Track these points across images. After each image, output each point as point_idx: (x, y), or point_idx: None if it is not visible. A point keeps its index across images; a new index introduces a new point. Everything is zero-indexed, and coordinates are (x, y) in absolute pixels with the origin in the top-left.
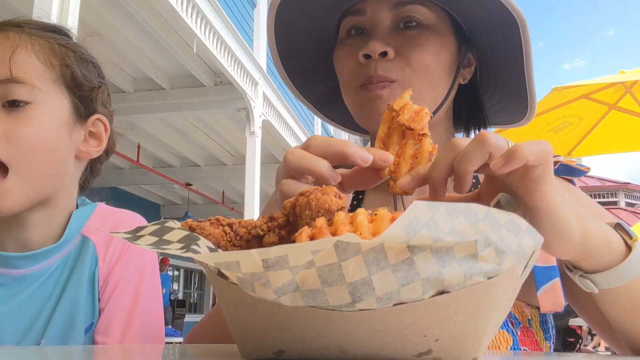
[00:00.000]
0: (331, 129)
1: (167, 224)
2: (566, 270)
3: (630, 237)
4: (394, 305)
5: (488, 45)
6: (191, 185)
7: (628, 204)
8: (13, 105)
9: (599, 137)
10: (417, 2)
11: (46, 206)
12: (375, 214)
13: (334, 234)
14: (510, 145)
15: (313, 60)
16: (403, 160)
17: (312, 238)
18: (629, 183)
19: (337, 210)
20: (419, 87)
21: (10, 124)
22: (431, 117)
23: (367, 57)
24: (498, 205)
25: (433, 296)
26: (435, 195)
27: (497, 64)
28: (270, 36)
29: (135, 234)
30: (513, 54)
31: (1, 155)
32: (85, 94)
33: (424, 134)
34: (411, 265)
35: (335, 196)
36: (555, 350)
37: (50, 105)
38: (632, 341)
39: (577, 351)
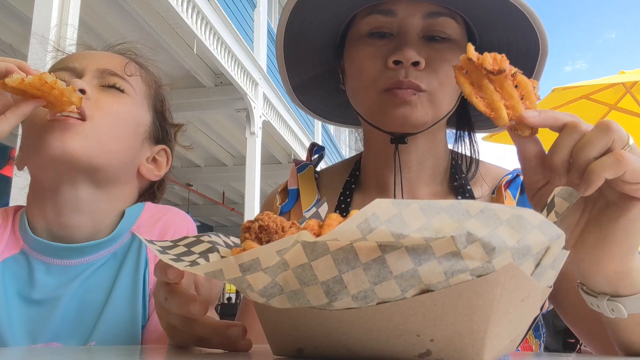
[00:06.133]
0: (331, 127)
1: (202, 238)
2: (586, 295)
3: None
4: (378, 304)
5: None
6: (191, 185)
7: None
8: (109, 87)
9: None
10: (448, 14)
11: (99, 187)
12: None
13: (318, 235)
14: (630, 140)
15: (312, 46)
16: (513, 100)
17: None
18: None
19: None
20: (442, 99)
21: (103, 96)
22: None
23: (397, 62)
24: (552, 200)
25: (417, 295)
26: (559, 179)
27: None
28: (283, 19)
29: (176, 243)
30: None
31: (86, 108)
32: (166, 125)
33: (516, 72)
34: (383, 264)
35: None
36: (555, 351)
37: (138, 104)
38: None
39: (577, 352)
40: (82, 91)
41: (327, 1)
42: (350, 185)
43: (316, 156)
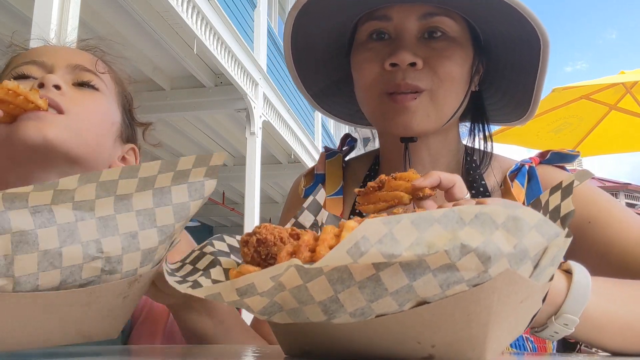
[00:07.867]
0: (331, 128)
1: (205, 249)
2: (542, 333)
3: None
4: (376, 317)
5: (502, 55)
6: None
7: (628, 205)
8: (83, 85)
9: (599, 138)
10: (444, 14)
11: None
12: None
13: (313, 249)
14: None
15: (324, 55)
16: (401, 186)
17: (293, 253)
18: (629, 183)
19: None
20: (443, 97)
21: (78, 94)
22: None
23: (394, 65)
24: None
25: (414, 307)
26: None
27: (508, 72)
28: (287, 33)
29: (184, 262)
30: (527, 65)
31: (62, 103)
32: (134, 124)
33: (394, 175)
34: (378, 282)
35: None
36: (555, 351)
37: (110, 102)
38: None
39: (577, 352)
40: (57, 87)
41: (326, 12)
42: (370, 180)
43: (347, 147)
